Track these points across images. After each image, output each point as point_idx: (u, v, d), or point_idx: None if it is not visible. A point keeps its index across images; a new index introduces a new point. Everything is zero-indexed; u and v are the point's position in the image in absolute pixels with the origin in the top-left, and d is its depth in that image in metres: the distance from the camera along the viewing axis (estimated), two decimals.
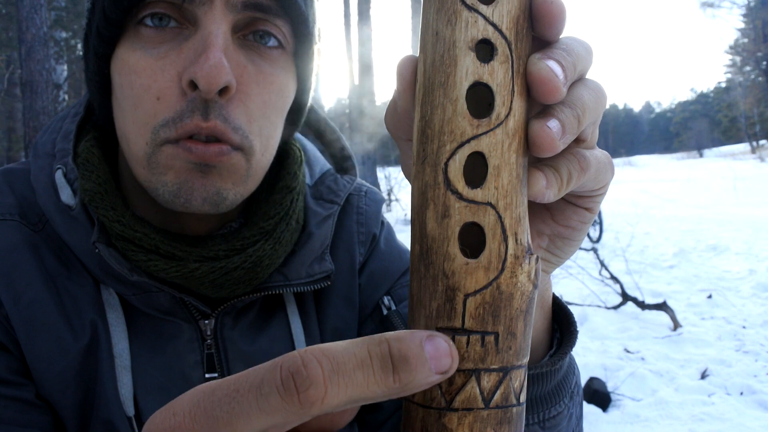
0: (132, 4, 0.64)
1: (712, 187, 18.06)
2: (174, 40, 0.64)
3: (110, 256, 0.67)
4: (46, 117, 5.83)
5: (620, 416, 3.34)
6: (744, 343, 4.45)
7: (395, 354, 0.30)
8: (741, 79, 54.81)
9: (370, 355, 0.30)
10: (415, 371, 0.30)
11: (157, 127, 0.63)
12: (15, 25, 7.22)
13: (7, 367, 0.67)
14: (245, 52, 0.66)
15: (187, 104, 0.62)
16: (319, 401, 0.28)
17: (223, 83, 0.61)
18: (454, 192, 0.36)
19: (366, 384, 0.29)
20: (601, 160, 0.45)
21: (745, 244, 8.38)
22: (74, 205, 0.69)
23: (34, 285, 0.69)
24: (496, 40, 0.36)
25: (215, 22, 0.62)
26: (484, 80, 0.36)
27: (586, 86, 0.42)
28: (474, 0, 0.36)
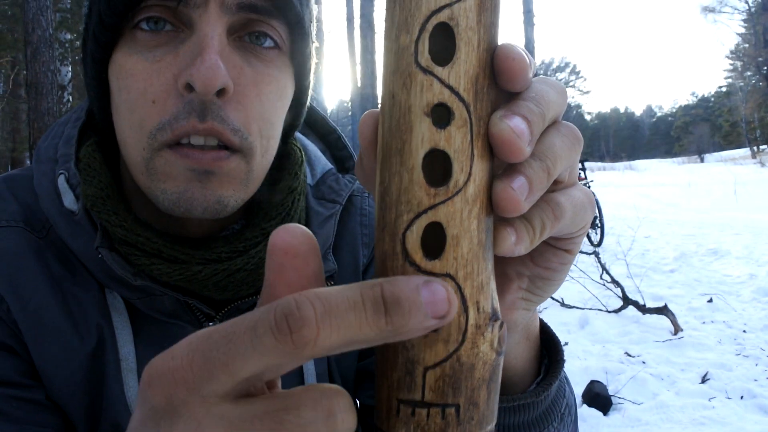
0: (127, 8, 0.63)
1: (712, 192, 18.05)
2: (170, 44, 0.64)
3: (113, 261, 0.67)
4: (50, 118, 5.84)
5: (621, 420, 3.35)
6: (744, 347, 4.45)
7: (388, 296, 0.31)
8: (742, 84, 54.77)
9: (362, 298, 0.30)
10: (409, 315, 0.31)
11: (153, 131, 0.63)
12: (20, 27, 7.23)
13: (17, 369, 0.67)
14: (241, 53, 0.66)
15: (184, 106, 0.62)
16: (312, 342, 0.29)
17: (219, 85, 0.60)
18: (412, 264, 0.34)
19: (358, 326, 0.30)
20: (578, 202, 0.43)
21: (746, 248, 8.38)
22: (77, 210, 0.69)
23: (40, 290, 0.69)
24: (453, 103, 0.35)
25: (210, 25, 0.62)
26: (441, 147, 0.34)
27: (558, 132, 0.40)
28: (429, 62, 0.35)
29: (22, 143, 11.58)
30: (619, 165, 48.04)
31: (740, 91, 54.10)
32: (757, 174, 22.33)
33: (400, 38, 0.35)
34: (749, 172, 23.30)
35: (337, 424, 0.31)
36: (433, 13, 0.34)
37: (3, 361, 0.67)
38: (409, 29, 0.35)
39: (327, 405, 0.31)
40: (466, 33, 0.35)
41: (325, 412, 0.31)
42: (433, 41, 0.35)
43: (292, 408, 0.31)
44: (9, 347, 0.68)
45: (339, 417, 0.31)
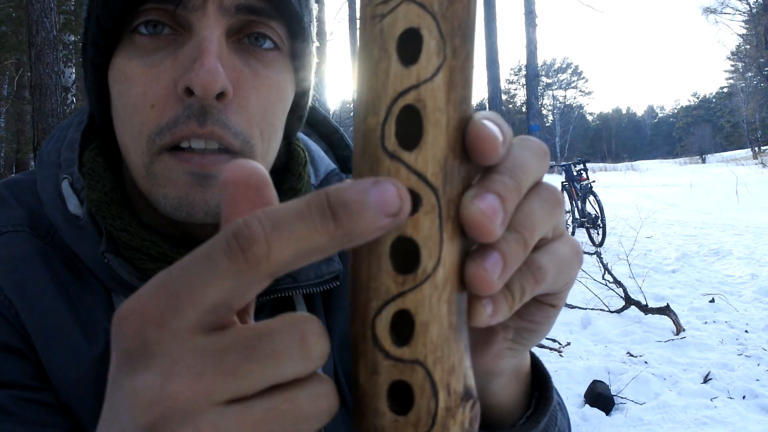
0: (125, 12, 0.63)
1: (714, 192, 18.03)
2: (168, 47, 0.63)
3: (119, 266, 0.67)
4: (54, 119, 5.86)
5: (623, 420, 3.36)
6: (746, 348, 4.46)
7: (333, 201, 0.31)
8: (743, 85, 54.69)
9: (308, 206, 0.31)
10: (358, 215, 0.30)
11: (152, 136, 0.63)
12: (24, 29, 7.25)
13: (27, 372, 0.67)
14: (241, 55, 0.65)
15: (183, 110, 0.61)
16: (265, 257, 0.30)
17: (219, 89, 0.60)
18: (381, 350, 0.34)
19: (308, 234, 0.30)
20: (563, 259, 0.41)
21: (747, 248, 8.38)
22: (81, 215, 0.69)
23: (47, 294, 0.69)
24: (421, 189, 0.34)
25: (209, 28, 0.61)
26: (408, 235, 0.34)
27: (538, 198, 0.39)
28: (396, 146, 0.33)
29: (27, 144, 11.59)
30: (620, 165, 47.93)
31: (742, 92, 54.02)
32: (758, 174, 22.30)
33: (368, 120, 0.34)
34: (751, 173, 23.26)
35: (309, 348, 0.32)
36: (400, 95, 0.34)
37: (13, 364, 0.67)
38: (376, 111, 0.34)
39: (298, 330, 0.32)
40: (434, 114, 0.34)
41: (298, 336, 0.31)
42: (401, 123, 0.34)
43: (265, 335, 0.31)
44: (18, 350, 0.68)
45: (311, 340, 0.32)
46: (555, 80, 77.61)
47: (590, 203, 9.67)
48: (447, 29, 0.34)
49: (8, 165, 13.42)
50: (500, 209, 0.34)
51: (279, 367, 0.31)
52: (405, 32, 0.33)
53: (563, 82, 78.22)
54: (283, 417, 0.31)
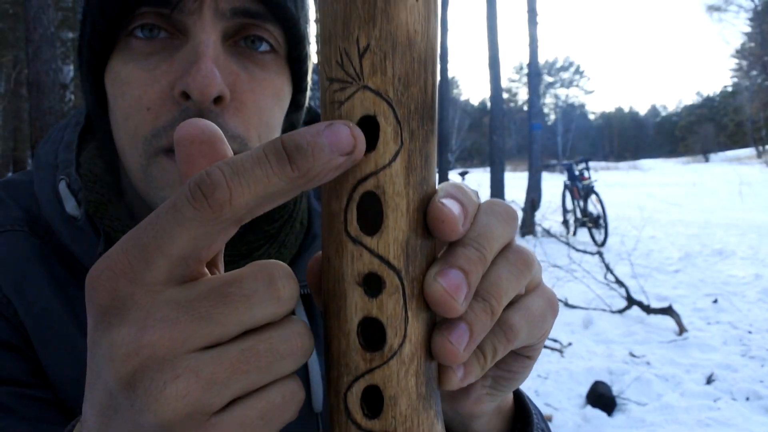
0: (121, 16, 0.63)
1: (717, 192, 18.02)
2: (164, 51, 0.64)
3: None
4: (52, 117, 5.84)
5: (625, 420, 3.34)
6: (750, 348, 4.44)
7: (287, 145, 0.32)
8: (747, 84, 54.70)
9: (265, 152, 0.32)
10: (313, 156, 0.32)
11: (148, 138, 0.63)
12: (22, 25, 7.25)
13: (26, 369, 0.67)
14: (237, 59, 0.66)
15: (180, 113, 0.62)
16: (227, 202, 0.31)
17: (215, 93, 0.60)
18: (353, 422, 0.36)
19: (266, 177, 0.31)
20: (537, 314, 0.42)
21: (751, 248, 8.36)
22: (79, 216, 0.69)
23: (45, 293, 0.69)
24: (383, 272, 0.35)
25: (205, 32, 0.62)
26: (374, 315, 0.35)
27: (506, 262, 0.40)
28: (358, 231, 0.35)
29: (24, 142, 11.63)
30: (623, 165, 48.03)
31: (746, 90, 54.05)
32: (762, 174, 22.28)
33: (331, 204, 0.36)
34: (755, 172, 23.26)
35: (279, 290, 0.33)
36: (359, 182, 0.35)
37: (12, 362, 0.67)
38: (338, 196, 0.35)
39: (267, 273, 0.33)
40: (393, 200, 0.35)
41: (266, 279, 0.33)
42: (362, 209, 0.35)
43: (235, 281, 0.33)
44: (17, 348, 0.68)
45: (280, 283, 0.33)
46: (557, 79, 77.71)
47: (592, 202, 9.66)
48: (403, 113, 0.35)
49: (5, 163, 13.46)
50: (464, 284, 0.36)
51: (251, 310, 0.33)
52: (362, 119, 0.35)
53: (565, 81, 78.33)
54: (258, 357, 0.33)
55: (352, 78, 0.35)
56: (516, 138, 58.29)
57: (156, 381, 0.31)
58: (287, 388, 0.35)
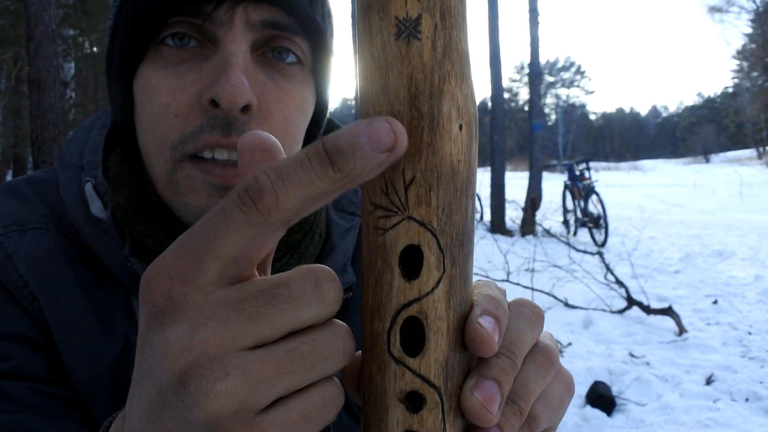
0: (154, 25, 0.65)
1: (718, 193, 18.01)
2: (194, 59, 0.65)
3: (143, 270, 0.68)
4: (53, 114, 5.83)
5: (625, 421, 3.33)
6: (750, 349, 4.43)
7: (328, 147, 0.33)
8: (748, 85, 54.66)
9: (307, 155, 0.33)
10: (354, 156, 0.32)
11: (175, 143, 0.65)
12: (23, 23, 7.23)
13: (48, 367, 0.68)
14: (265, 69, 0.67)
15: (207, 121, 0.64)
16: (274, 205, 0.32)
17: (244, 102, 0.62)
18: None
19: (310, 181, 0.32)
20: (556, 401, 0.44)
21: (751, 249, 8.36)
22: (105, 218, 0.70)
23: (69, 292, 0.70)
24: (425, 391, 0.36)
25: (235, 42, 0.63)
26: (414, 429, 0.37)
27: (533, 363, 0.41)
28: (401, 353, 0.36)
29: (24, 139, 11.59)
30: (623, 165, 47.98)
31: (747, 91, 54.01)
32: (763, 175, 22.27)
33: (374, 323, 0.37)
34: (755, 173, 23.25)
35: (324, 293, 0.34)
36: (403, 307, 0.36)
37: (34, 358, 0.68)
38: (381, 318, 0.37)
39: (313, 276, 0.34)
40: (435, 323, 0.36)
41: (312, 282, 0.34)
42: (405, 331, 0.37)
43: (283, 283, 0.34)
44: (40, 344, 0.69)
45: (325, 286, 0.34)
46: (558, 79, 77.66)
47: (593, 203, 9.65)
48: (446, 242, 0.36)
49: (6, 160, 13.45)
50: (497, 395, 0.37)
51: (297, 312, 0.34)
52: (406, 248, 0.36)
53: (566, 81, 78.27)
54: (303, 357, 0.34)
55: (397, 208, 0.36)
56: (517, 138, 58.32)
57: (206, 378, 0.32)
58: (328, 391, 0.36)
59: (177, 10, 0.63)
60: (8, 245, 0.70)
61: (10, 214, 0.73)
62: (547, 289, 5.83)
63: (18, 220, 0.72)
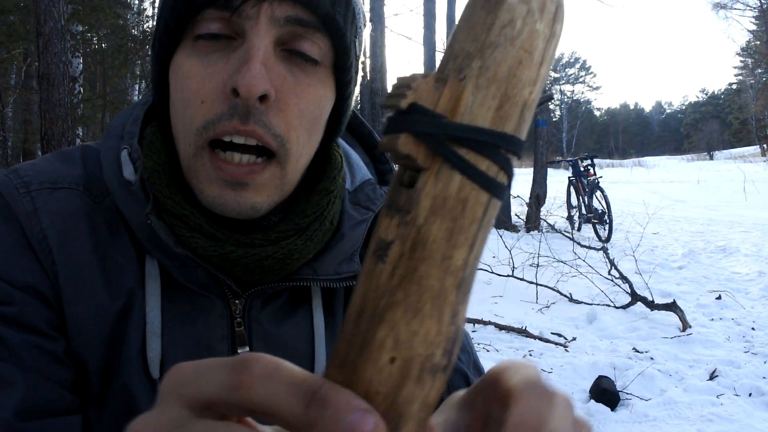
0: (189, 15, 0.70)
1: (722, 189, 17.97)
2: (224, 51, 0.70)
3: (160, 227, 0.73)
4: (62, 109, 5.85)
5: (629, 415, 3.36)
6: (753, 345, 4.46)
7: (321, 394, 0.31)
8: (752, 81, 54.37)
9: (304, 381, 0.31)
10: (325, 420, 0.30)
11: (200, 129, 0.69)
12: (32, 18, 7.25)
13: (48, 321, 0.73)
14: (285, 64, 0.71)
15: (228, 108, 0.68)
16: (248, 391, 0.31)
17: (261, 91, 0.66)
18: None
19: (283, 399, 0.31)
20: None
21: (755, 246, 8.36)
22: (134, 181, 0.75)
23: (85, 250, 0.75)
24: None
25: (259, 36, 0.68)
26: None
27: None
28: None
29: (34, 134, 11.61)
30: (628, 161, 47.81)
31: (751, 88, 53.74)
32: (766, 172, 22.20)
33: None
34: (759, 170, 23.16)
35: None
36: None
37: (36, 310, 0.72)
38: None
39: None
40: None
41: None
42: None
43: None
44: (46, 298, 0.73)
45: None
46: (563, 75, 77.36)
47: (597, 199, 9.66)
48: None
49: (15, 155, 13.45)
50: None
51: None
52: None
53: (571, 77, 77.98)
54: None
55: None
56: None
57: None
58: None
59: (209, 3, 0.68)
60: (37, 200, 0.75)
61: (50, 173, 0.79)
62: (551, 284, 5.86)
63: (53, 179, 0.78)
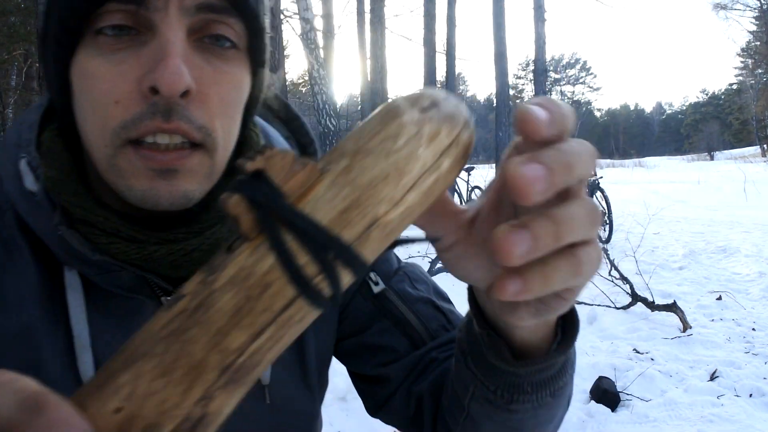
0: (88, 12, 0.65)
1: (722, 190, 17.97)
2: (132, 47, 0.65)
3: (73, 238, 0.70)
4: None
5: (629, 416, 3.36)
6: (753, 345, 4.45)
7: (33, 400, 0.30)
8: (753, 82, 54.35)
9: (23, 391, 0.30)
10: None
11: (116, 129, 0.65)
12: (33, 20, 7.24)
13: None
14: (202, 53, 0.68)
15: (148, 107, 0.64)
16: None
17: (183, 88, 0.62)
18: None
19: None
20: (595, 259, 0.42)
21: (755, 246, 8.35)
22: (37, 192, 0.71)
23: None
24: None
25: (172, 28, 0.63)
26: None
27: (582, 207, 0.40)
28: None
29: None
30: (628, 162, 47.81)
31: (751, 89, 53.70)
32: (767, 172, 22.19)
33: None
34: (759, 170, 23.15)
35: None
36: None
37: None
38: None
39: None
40: None
41: None
42: None
43: None
44: None
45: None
46: (563, 76, 77.38)
47: (597, 199, 9.64)
48: None
49: None
50: (546, 173, 0.36)
51: None
52: None
53: (571, 78, 78.01)
54: None
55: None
56: None
57: None
58: None
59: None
60: None
61: None
62: None
63: None
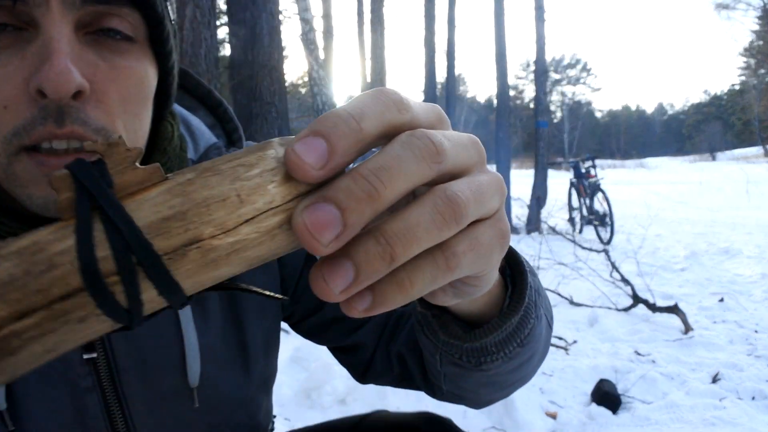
0: None
1: (724, 190, 17.94)
2: (15, 45, 0.60)
3: None
4: None
5: (630, 419, 3.33)
6: (756, 348, 4.42)
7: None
8: (755, 82, 54.38)
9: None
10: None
11: (8, 136, 0.60)
12: None
13: None
14: (94, 48, 0.62)
15: (39, 111, 0.59)
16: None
17: (72, 89, 0.57)
18: None
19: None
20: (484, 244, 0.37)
21: (758, 247, 8.32)
22: None
23: None
24: None
25: (55, 25, 0.58)
26: None
27: (431, 205, 0.34)
28: None
29: None
30: (629, 163, 47.86)
31: (754, 89, 53.75)
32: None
33: None
34: (762, 171, 23.13)
35: None
36: None
37: None
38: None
39: None
40: None
41: None
42: None
43: None
44: None
45: None
46: (564, 76, 77.41)
47: (598, 200, 9.63)
48: None
49: None
50: (334, 221, 0.30)
51: None
52: None
53: (572, 78, 78.03)
54: None
55: None
56: (522, 135, 58.19)
57: None
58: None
59: None
60: None
61: None
62: (552, 286, 5.83)
63: None
